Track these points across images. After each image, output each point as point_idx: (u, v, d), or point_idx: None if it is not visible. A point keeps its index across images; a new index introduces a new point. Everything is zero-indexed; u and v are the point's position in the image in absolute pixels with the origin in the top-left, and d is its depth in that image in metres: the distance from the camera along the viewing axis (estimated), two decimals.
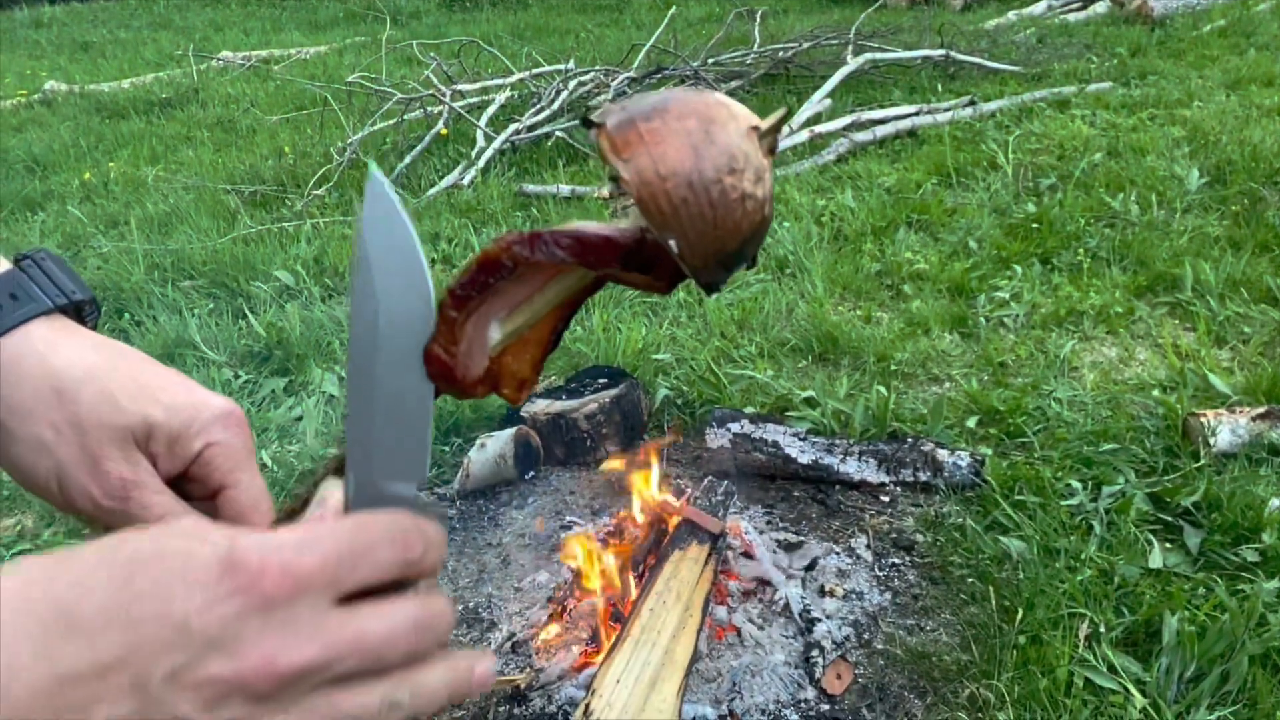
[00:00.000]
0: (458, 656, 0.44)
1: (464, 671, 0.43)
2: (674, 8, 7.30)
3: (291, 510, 0.50)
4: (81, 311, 0.60)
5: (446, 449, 2.62)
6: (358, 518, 0.42)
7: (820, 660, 1.88)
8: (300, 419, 2.78)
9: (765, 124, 0.46)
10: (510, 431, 2.49)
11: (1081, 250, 3.40)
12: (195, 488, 0.58)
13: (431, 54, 6.08)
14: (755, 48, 6.25)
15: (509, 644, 1.97)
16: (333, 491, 0.47)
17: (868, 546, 2.19)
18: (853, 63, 5.69)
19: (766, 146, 0.45)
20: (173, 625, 0.36)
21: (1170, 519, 2.14)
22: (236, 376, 3.05)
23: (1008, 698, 1.72)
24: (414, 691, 0.41)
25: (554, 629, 1.98)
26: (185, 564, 0.37)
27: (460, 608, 2.11)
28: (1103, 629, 1.85)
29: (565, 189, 4.40)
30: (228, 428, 0.57)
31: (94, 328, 0.61)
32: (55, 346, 0.56)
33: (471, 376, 0.47)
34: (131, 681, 0.36)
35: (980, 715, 1.72)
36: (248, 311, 3.43)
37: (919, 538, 2.19)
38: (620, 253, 0.45)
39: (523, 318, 0.47)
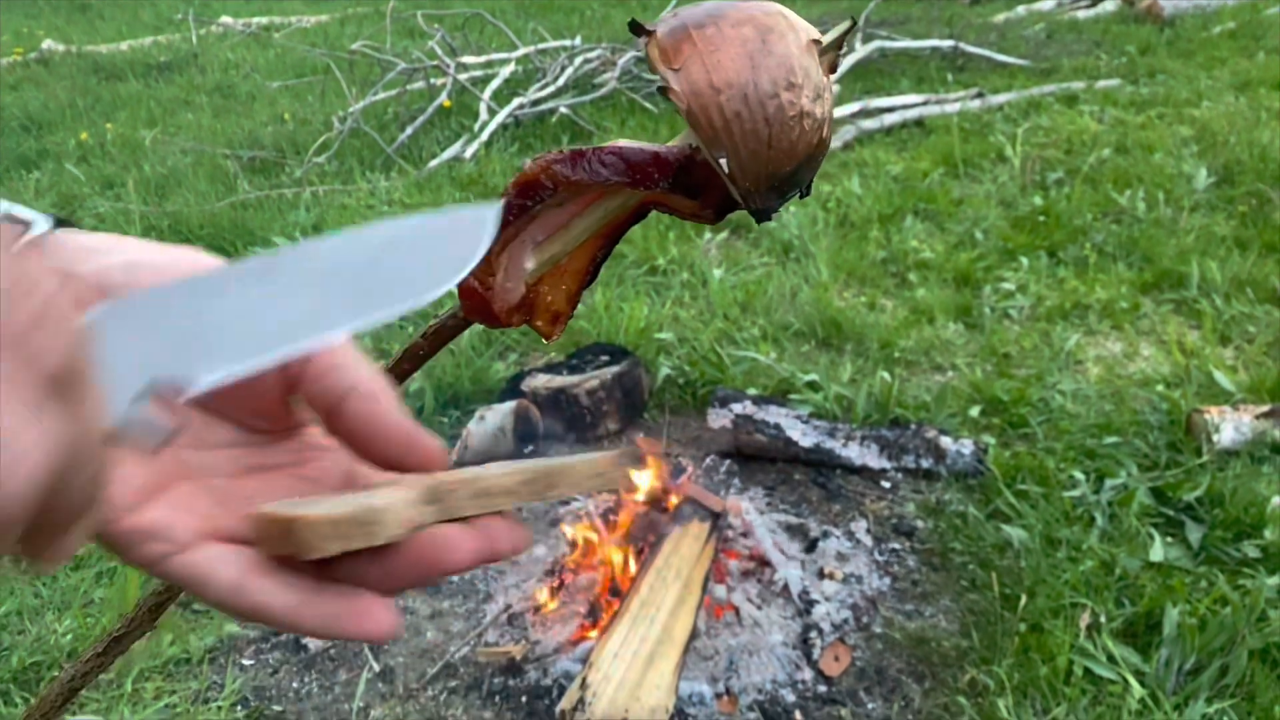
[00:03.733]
0: None
1: None
2: None
3: None
4: None
5: (445, 420, 2.60)
6: None
7: (818, 642, 1.87)
8: None
9: (827, 38, 0.42)
10: (510, 405, 2.46)
11: (1088, 245, 3.38)
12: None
13: (436, 25, 6.02)
14: None
15: (504, 616, 1.96)
16: None
17: (868, 531, 2.17)
18: (861, 50, 5.66)
19: (827, 64, 0.42)
20: None
21: (1172, 513, 2.14)
22: None
23: (1007, 684, 1.71)
24: None
25: (551, 603, 1.96)
26: None
27: (455, 579, 2.09)
28: (1103, 619, 1.84)
29: None
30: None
31: None
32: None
33: (507, 306, 0.44)
34: None
35: (980, 701, 1.71)
36: None
37: (920, 524, 2.18)
38: (667, 171, 0.42)
39: (560, 244, 0.44)
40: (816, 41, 0.42)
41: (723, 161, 0.40)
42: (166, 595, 0.49)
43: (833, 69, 0.43)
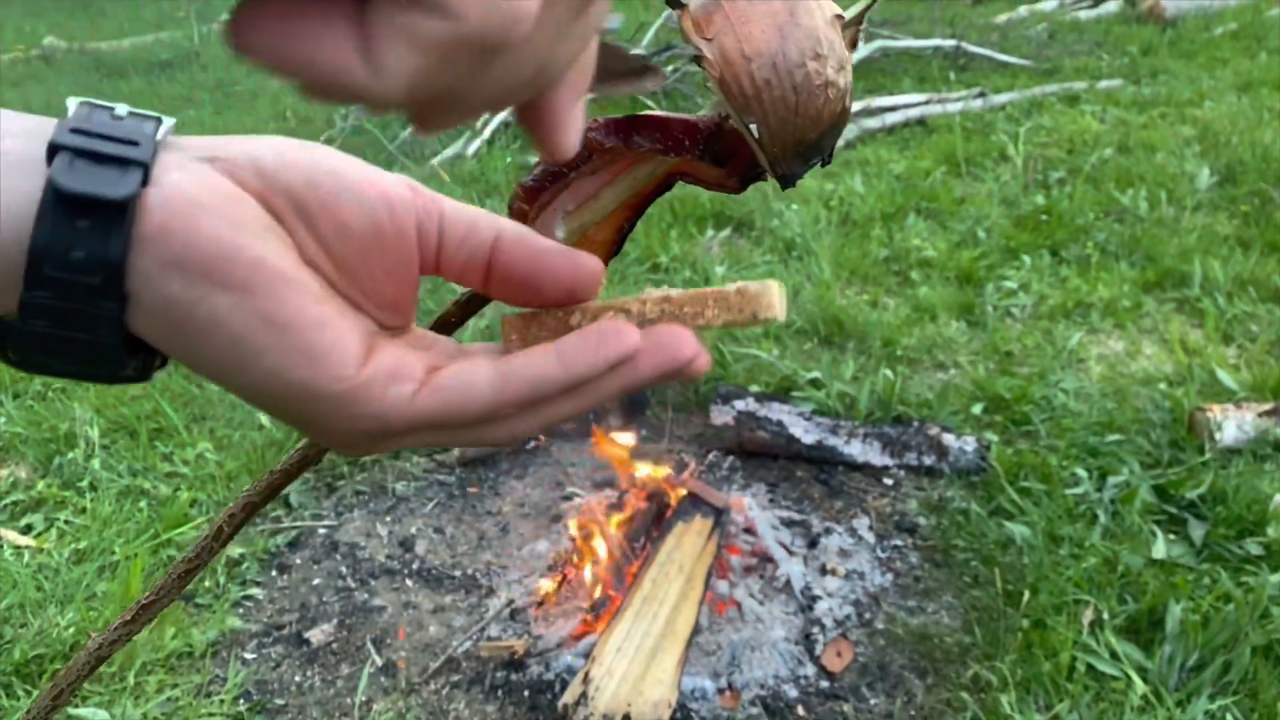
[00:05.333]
0: None
1: None
2: None
3: None
4: None
5: None
6: None
7: (820, 637, 1.87)
8: None
9: (849, 14, 0.44)
10: None
11: (1090, 244, 3.38)
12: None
13: None
14: None
15: (507, 611, 1.96)
16: None
17: (870, 528, 2.17)
18: (863, 49, 5.66)
19: (849, 38, 0.44)
20: None
21: (1174, 511, 2.14)
22: None
23: (1010, 680, 1.71)
24: None
25: (553, 597, 1.96)
26: None
27: (458, 574, 2.09)
28: (1106, 616, 1.84)
29: None
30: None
31: None
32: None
33: None
34: None
35: (982, 697, 1.71)
36: None
37: (922, 520, 2.18)
38: (699, 137, 0.44)
39: (589, 214, 0.45)
40: (840, 17, 0.44)
41: (753, 127, 0.42)
42: (195, 563, 0.50)
43: (853, 44, 0.44)
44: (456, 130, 4.99)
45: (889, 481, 2.32)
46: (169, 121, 0.37)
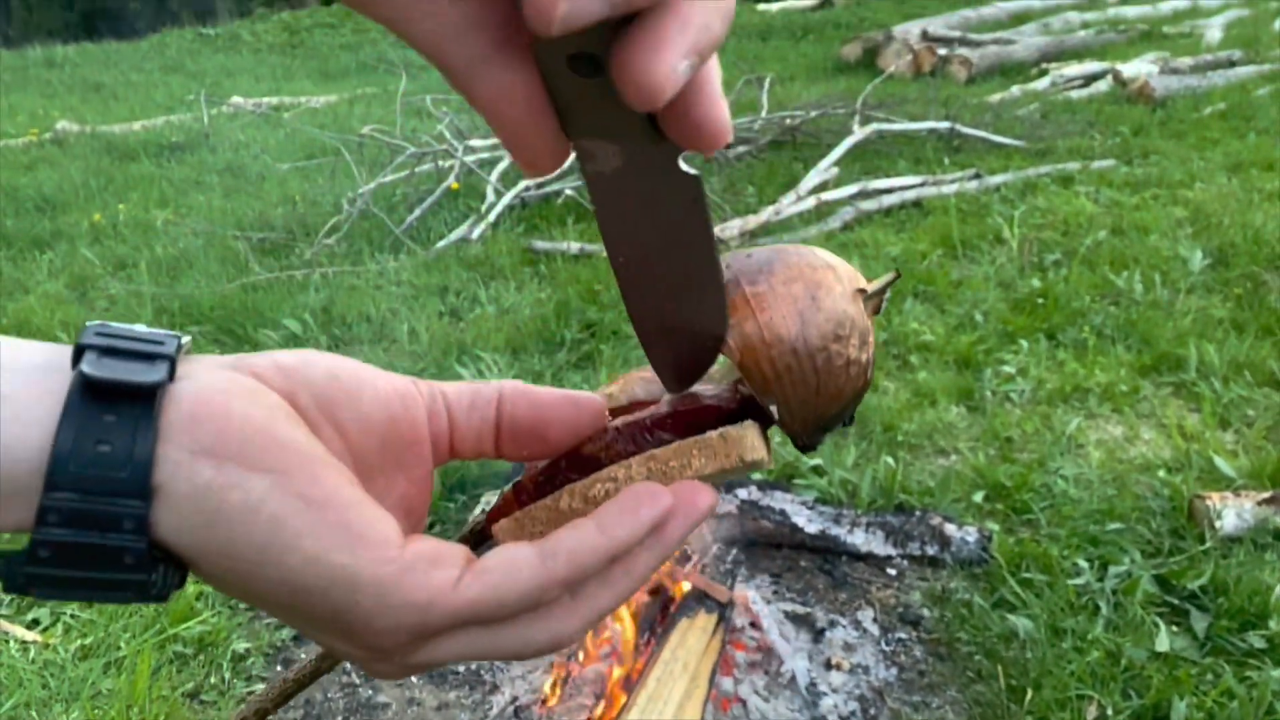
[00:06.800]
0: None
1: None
2: None
3: None
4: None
5: (451, 505, 2.62)
6: None
7: None
8: None
9: (872, 287, 0.45)
10: None
11: (1087, 327, 3.43)
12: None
13: (443, 108, 6.17)
14: (763, 114, 6.35)
15: (511, 708, 1.95)
16: None
17: (874, 620, 2.18)
18: (859, 132, 5.78)
19: (871, 308, 0.45)
20: None
21: (1176, 602, 2.14)
22: None
23: None
24: None
25: (557, 695, 1.96)
26: None
27: (462, 670, 2.09)
28: (1110, 711, 1.84)
29: (574, 246, 4.44)
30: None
31: None
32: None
33: None
34: None
35: None
36: None
37: (926, 612, 2.19)
38: (722, 417, 0.44)
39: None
40: (862, 290, 0.44)
41: (773, 408, 0.42)
42: None
43: (876, 311, 0.45)
44: (461, 214, 5.00)
45: (892, 571, 2.33)
46: (185, 337, 0.38)
